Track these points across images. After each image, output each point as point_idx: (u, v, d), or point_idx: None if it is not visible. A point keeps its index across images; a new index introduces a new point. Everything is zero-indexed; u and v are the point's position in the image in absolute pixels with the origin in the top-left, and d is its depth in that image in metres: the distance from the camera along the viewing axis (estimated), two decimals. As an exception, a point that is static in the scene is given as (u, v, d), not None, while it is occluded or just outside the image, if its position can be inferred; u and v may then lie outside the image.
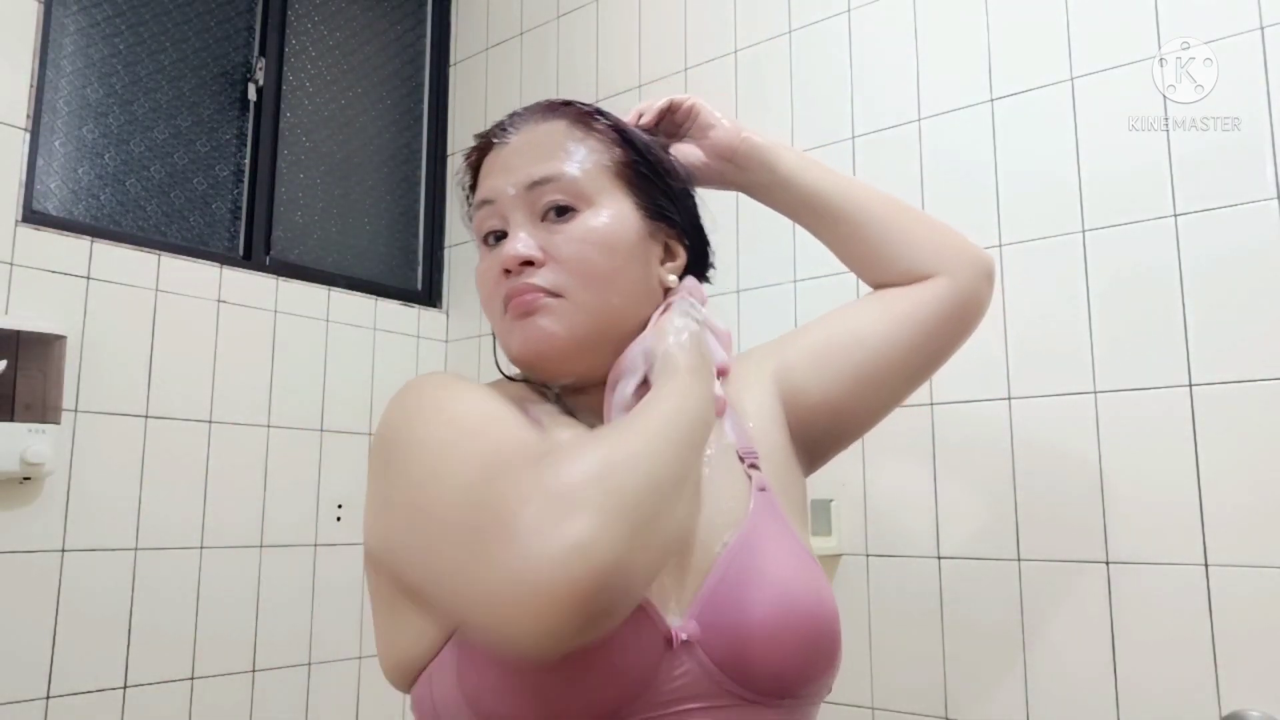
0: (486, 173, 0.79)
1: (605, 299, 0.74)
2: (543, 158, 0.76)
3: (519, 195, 0.75)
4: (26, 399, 1.41)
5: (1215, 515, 1.16)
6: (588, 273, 0.73)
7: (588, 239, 0.74)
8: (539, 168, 0.75)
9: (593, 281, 0.73)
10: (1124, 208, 1.27)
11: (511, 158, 0.77)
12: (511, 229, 0.75)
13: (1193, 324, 1.21)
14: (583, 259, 0.73)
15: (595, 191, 0.75)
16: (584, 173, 0.75)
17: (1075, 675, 1.23)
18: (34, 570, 1.44)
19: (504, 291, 0.73)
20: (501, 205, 0.76)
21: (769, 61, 1.66)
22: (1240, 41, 1.21)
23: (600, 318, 0.73)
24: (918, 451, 1.40)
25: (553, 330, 0.72)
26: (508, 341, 0.75)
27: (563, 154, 0.76)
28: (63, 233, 1.53)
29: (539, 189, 0.75)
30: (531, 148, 0.77)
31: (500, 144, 0.79)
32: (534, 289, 0.72)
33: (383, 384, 1.96)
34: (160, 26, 1.78)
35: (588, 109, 0.80)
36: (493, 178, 0.77)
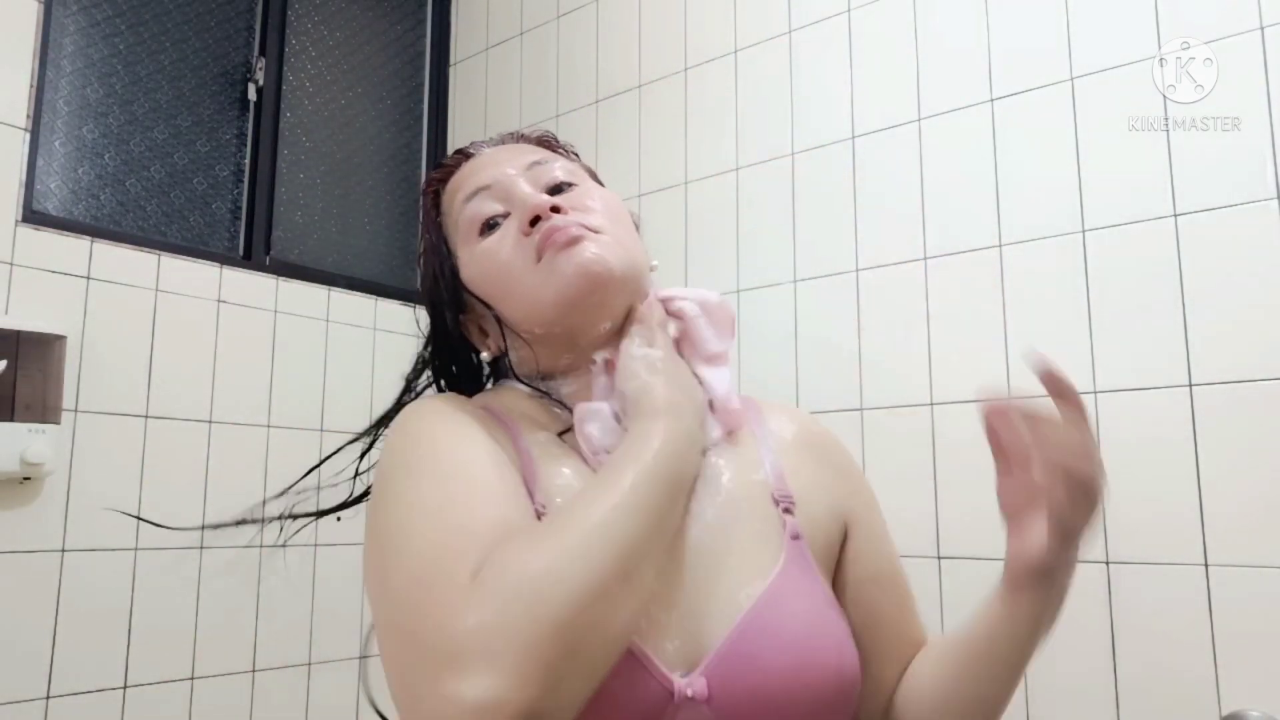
0: (469, 173, 0.78)
1: (633, 244, 0.74)
2: (529, 153, 0.77)
3: (520, 173, 0.75)
4: (26, 399, 1.41)
5: (1215, 515, 1.16)
6: (618, 216, 0.74)
7: (605, 195, 0.75)
8: (533, 155, 0.76)
9: (622, 224, 0.74)
10: (1124, 208, 1.27)
11: (496, 155, 0.77)
12: (520, 196, 0.73)
13: (1193, 324, 1.21)
14: (608, 206, 0.74)
15: (587, 179, 0.78)
16: (570, 163, 0.79)
17: (1075, 675, 1.23)
18: (34, 570, 1.44)
19: (535, 241, 0.70)
20: (501, 187, 0.74)
21: (769, 61, 1.66)
22: (1240, 41, 1.21)
23: (633, 258, 0.73)
24: (918, 451, 1.40)
25: (604, 255, 0.70)
26: (547, 284, 0.70)
27: (546, 153, 0.78)
28: (63, 233, 1.53)
29: (540, 167, 0.75)
30: (511, 151, 0.78)
31: (474, 155, 0.79)
32: (575, 224, 0.70)
33: (383, 384, 1.96)
34: (160, 26, 1.78)
35: (546, 135, 0.83)
36: (482, 171, 0.76)
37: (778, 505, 0.72)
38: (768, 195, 1.62)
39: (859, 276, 1.50)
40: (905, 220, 1.46)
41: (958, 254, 1.41)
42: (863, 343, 1.48)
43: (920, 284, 1.44)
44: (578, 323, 0.72)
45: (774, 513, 0.72)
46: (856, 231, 1.51)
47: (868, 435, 1.45)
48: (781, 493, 0.73)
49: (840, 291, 1.51)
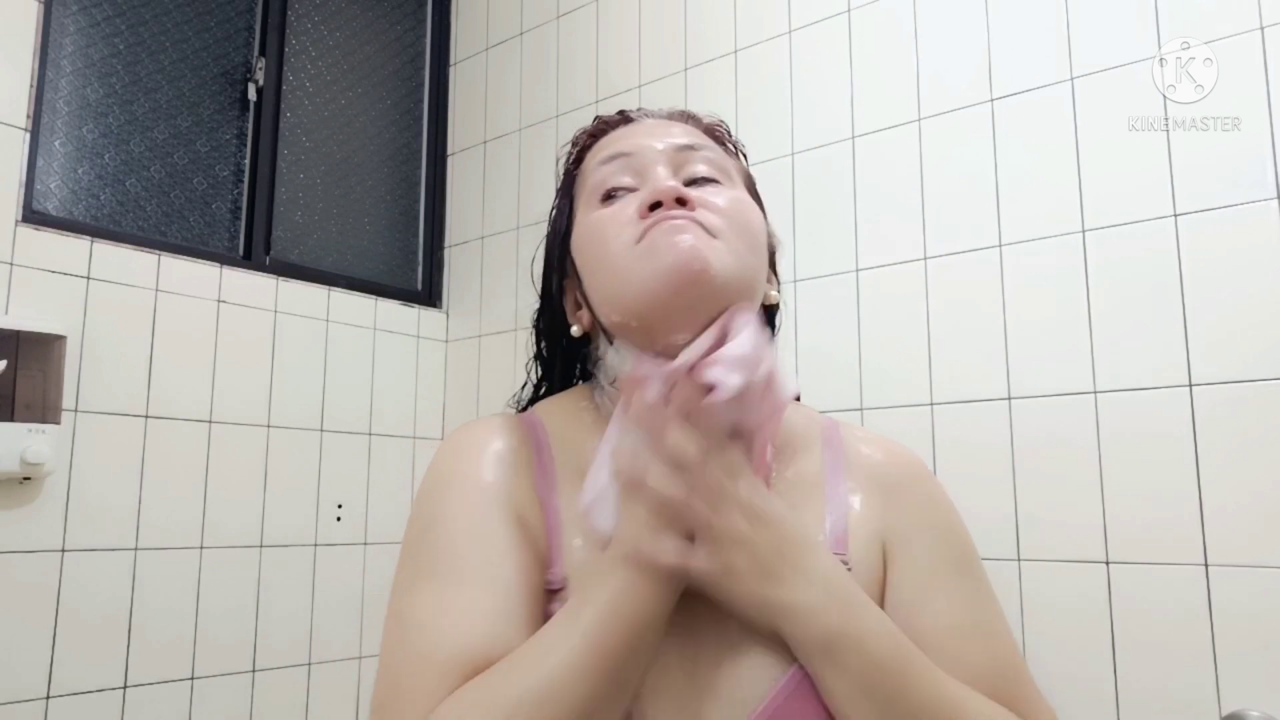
0: (619, 138, 0.73)
1: (751, 260, 0.67)
2: (687, 135, 0.72)
3: (666, 152, 0.70)
4: (26, 399, 1.41)
5: (1215, 515, 1.16)
6: (743, 224, 0.67)
7: (741, 201, 0.69)
8: (688, 137, 0.72)
9: (746, 235, 0.67)
10: (1124, 208, 1.27)
11: (653, 128, 0.73)
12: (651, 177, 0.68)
13: (1193, 324, 1.21)
14: (738, 211, 0.67)
15: (737, 179, 0.73)
16: (720, 155, 0.73)
17: (1075, 675, 1.23)
18: (34, 570, 1.44)
19: (645, 225, 0.65)
20: (641, 159, 0.69)
21: (769, 61, 1.66)
22: (1240, 41, 1.21)
23: (742, 272, 0.65)
24: (918, 451, 1.40)
25: (705, 254, 0.62)
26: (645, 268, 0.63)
27: (708, 144, 0.73)
28: (63, 233, 1.53)
29: (689, 153, 0.70)
30: (669, 128, 0.73)
31: (635, 121, 0.76)
32: (695, 218, 0.64)
33: (383, 384, 1.96)
34: (160, 26, 1.78)
35: (715, 120, 0.78)
36: (632, 138, 0.72)
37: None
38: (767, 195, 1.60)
39: (859, 276, 1.50)
40: (905, 220, 1.46)
41: (958, 254, 1.41)
42: (863, 343, 1.48)
43: (920, 284, 1.44)
44: (656, 322, 0.64)
45: None
46: (856, 231, 1.51)
47: (868, 435, 1.45)
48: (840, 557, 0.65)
49: (840, 291, 1.51)
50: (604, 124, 0.77)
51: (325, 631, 1.78)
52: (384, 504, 1.92)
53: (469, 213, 2.15)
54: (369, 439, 1.92)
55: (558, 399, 0.76)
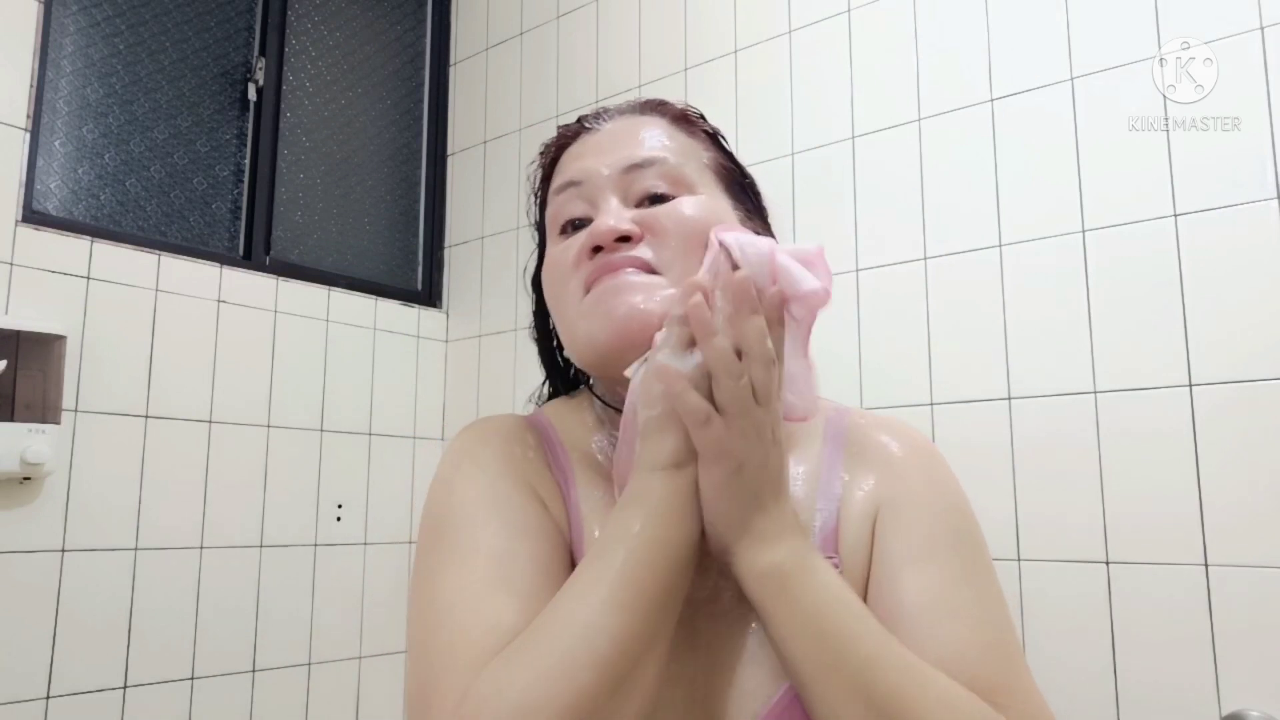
0: (573, 157, 0.71)
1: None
2: (642, 144, 0.70)
3: (613, 176, 0.68)
4: (26, 399, 1.41)
5: (1215, 515, 1.16)
6: (689, 246, 0.65)
7: (692, 215, 0.66)
8: (639, 151, 0.69)
9: (690, 255, 0.64)
10: (1124, 208, 1.27)
11: (605, 141, 0.70)
12: (600, 211, 0.67)
13: (1193, 324, 1.21)
14: (685, 234, 0.65)
15: (695, 182, 0.69)
16: (685, 163, 0.70)
17: (1075, 675, 1.23)
18: (34, 570, 1.44)
19: (588, 271, 0.65)
20: (590, 187, 0.68)
21: (769, 61, 1.66)
22: (1240, 41, 1.21)
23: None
24: (918, 451, 1.40)
25: (644, 307, 0.62)
26: (588, 327, 0.64)
27: (667, 143, 0.70)
28: (63, 233, 1.53)
29: (637, 172, 0.68)
30: (628, 135, 0.70)
31: (591, 130, 0.72)
32: (632, 259, 0.64)
33: (383, 384, 1.96)
34: (160, 26, 1.78)
35: (685, 109, 0.75)
36: (583, 160, 0.70)
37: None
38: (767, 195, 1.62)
39: (859, 276, 1.50)
40: (905, 220, 1.46)
41: (958, 254, 1.41)
42: (863, 343, 1.48)
43: (920, 284, 1.44)
44: (609, 370, 0.65)
45: None
46: (856, 231, 1.51)
47: (868, 435, 1.45)
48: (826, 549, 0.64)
49: (840, 291, 1.51)
50: (564, 137, 0.75)
51: (325, 631, 1.78)
52: (384, 504, 1.92)
53: (469, 213, 2.15)
54: (369, 439, 1.92)
55: (563, 402, 0.76)
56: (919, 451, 0.72)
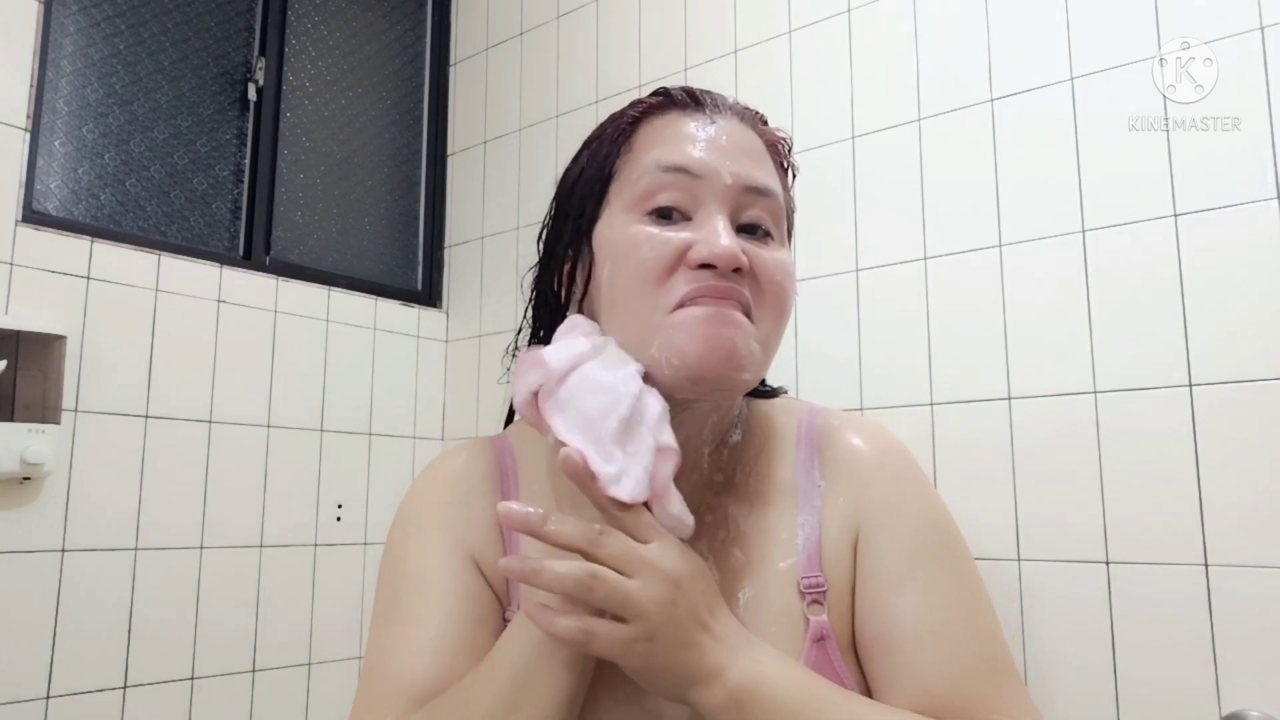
0: (684, 136, 0.66)
1: (779, 339, 0.65)
2: (760, 164, 0.66)
3: (734, 190, 0.64)
4: (26, 399, 1.41)
5: (1215, 515, 1.16)
6: (782, 306, 0.64)
7: (788, 271, 0.65)
8: (760, 174, 0.65)
9: (781, 317, 0.64)
10: (1124, 208, 1.27)
11: (725, 141, 0.66)
12: (708, 219, 0.62)
13: (1193, 324, 1.21)
14: (783, 289, 0.64)
15: (784, 229, 0.68)
16: (781, 200, 0.67)
17: (1075, 675, 1.23)
18: (34, 570, 1.44)
19: (688, 285, 0.61)
20: (705, 186, 0.63)
21: (769, 61, 1.66)
22: (1240, 41, 1.21)
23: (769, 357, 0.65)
24: (918, 451, 1.40)
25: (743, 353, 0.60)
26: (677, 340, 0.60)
27: (770, 170, 0.68)
28: (63, 233, 1.53)
29: (754, 196, 0.65)
30: (747, 146, 0.67)
31: (705, 115, 0.67)
32: (739, 297, 0.61)
33: (383, 384, 1.96)
34: (160, 26, 1.78)
35: (782, 136, 0.72)
36: (702, 149, 0.64)
37: (804, 598, 0.63)
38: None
39: (859, 276, 1.50)
40: (905, 220, 1.46)
41: (958, 254, 1.41)
42: (863, 343, 1.48)
43: (920, 284, 1.44)
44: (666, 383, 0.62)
45: (798, 609, 0.63)
46: (856, 231, 1.51)
47: (868, 435, 1.45)
48: (810, 581, 0.64)
49: (840, 291, 1.51)
50: (666, 104, 0.69)
51: (325, 632, 1.78)
52: (384, 504, 1.92)
53: (469, 213, 2.15)
54: (369, 439, 1.92)
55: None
56: (891, 455, 0.71)
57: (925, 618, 0.63)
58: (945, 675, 0.61)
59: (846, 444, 0.70)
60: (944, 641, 0.62)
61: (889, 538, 0.66)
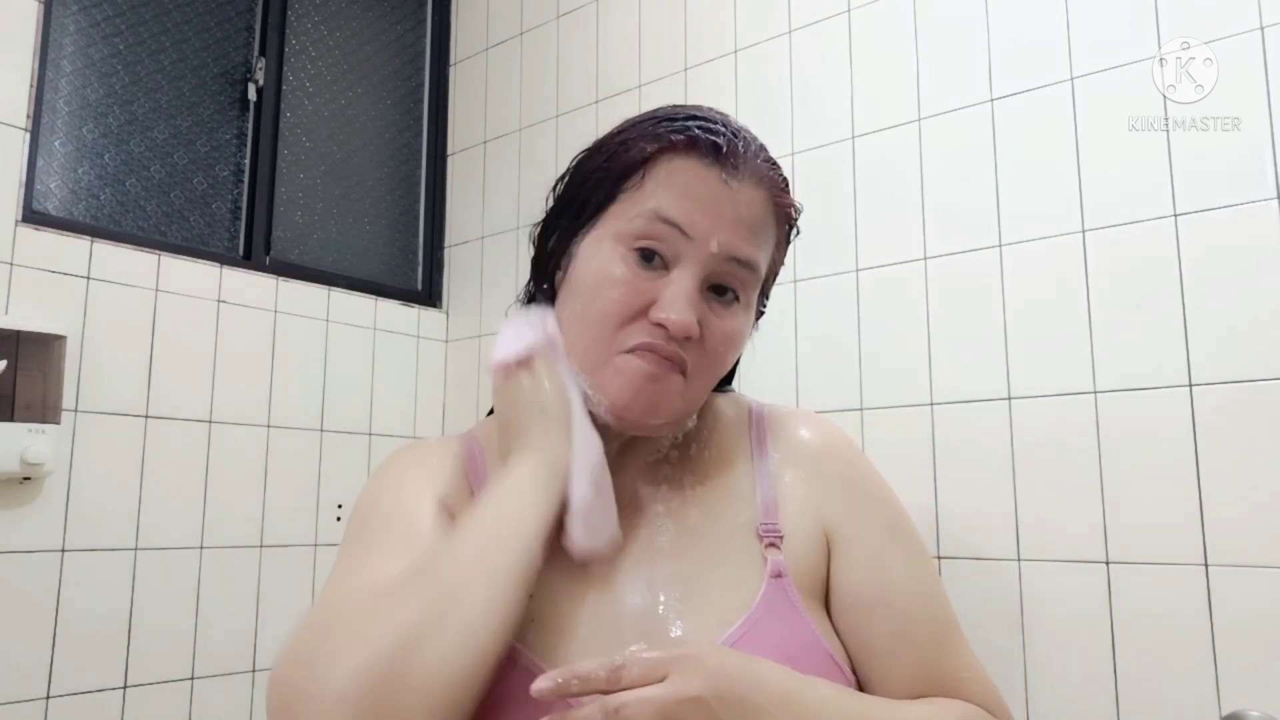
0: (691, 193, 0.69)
1: (706, 391, 0.75)
2: (752, 237, 0.71)
3: (718, 257, 0.69)
4: (26, 399, 1.41)
5: (1215, 515, 1.16)
6: (716, 370, 0.73)
7: (733, 340, 0.73)
8: (747, 248, 0.71)
9: (713, 377, 0.73)
10: (1124, 208, 1.27)
11: (727, 207, 0.70)
12: (680, 279, 0.68)
13: (1193, 324, 1.21)
14: (723, 357, 0.72)
15: (754, 294, 0.75)
16: (761, 271, 0.74)
17: (1075, 675, 1.23)
18: (34, 570, 1.44)
19: (642, 337, 0.69)
20: (691, 248, 0.69)
21: (769, 61, 1.66)
22: (1240, 41, 1.21)
23: (693, 407, 0.74)
24: (918, 451, 1.40)
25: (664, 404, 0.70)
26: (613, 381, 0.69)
27: (764, 245, 0.73)
28: (63, 233, 1.53)
29: (732, 266, 0.71)
30: (748, 218, 0.71)
31: (722, 179, 0.70)
32: (679, 359, 0.69)
33: (383, 384, 1.96)
34: (160, 26, 1.78)
35: (792, 204, 0.77)
36: (702, 211, 0.69)
37: (762, 541, 0.71)
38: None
39: (859, 276, 1.50)
40: (905, 220, 1.46)
41: (958, 254, 1.41)
42: (863, 343, 1.48)
43: (920, 284, 1.44)
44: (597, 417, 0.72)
45: (757, 550, 0.71)
46: (856, 231, 1.51)
47: (868, 435, 1.45)
48: (768, 526, 0.72)
49: (840, 291, 1.51)
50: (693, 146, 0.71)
51: (325, 631, 1.78)
52: (384, 504, 1.92)
53: (469, 213, 2.15)
54: (369, 439, 1.92)
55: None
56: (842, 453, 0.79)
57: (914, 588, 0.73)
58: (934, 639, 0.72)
59: (796, 429, 0.79)
60: (929, 606, 0.73)
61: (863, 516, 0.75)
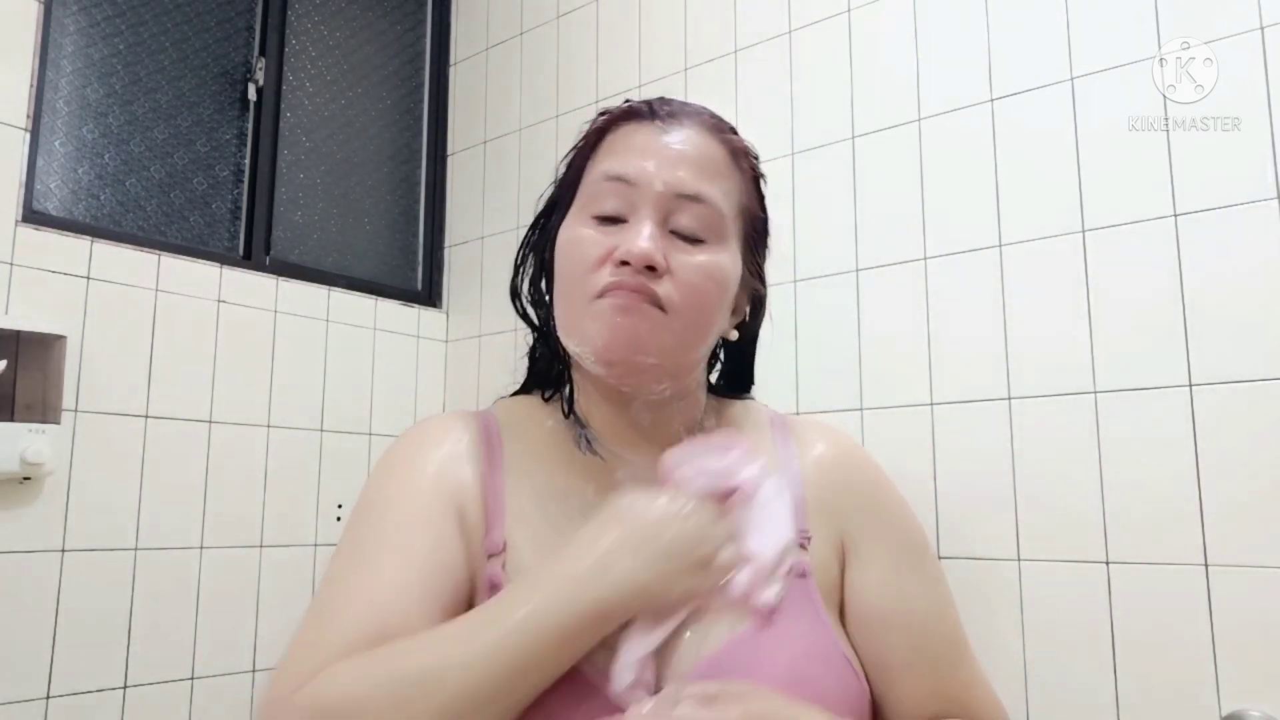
0: (633, 148, 0.73)
1: (698, 332, 0.73)
2: (699, 172, 0.72)
3: (665, 195, 0.71)
4: (26, 399, 1.41)
5: (1215, 515, 1.16)
6: (700, 303, 0.71)
7: (710, 273, 0.72)
8: (694, 182, 0.72)
9: (699, 312, 0.72)
10: (1124, 208, 1.27)
11: (668, 150, 0.72)
12: (637, 223, 0.70)
13: (1193, 324, 1.21)
14: (700, 290, 0.71)
15: (727, 232, 0.74)
16: (727, 210, 0.74)
17: (1075, 675, 1.23)
18: (34, 570, 1.44)
19: (608, 279, 0.69)
20: (639, 193, 0.71)
21: (769, 61, 1.66)
22: (1240, 41, 1.21)
23: (686, 348, 0.72)
24: (918, 451, 1.40)
25: (647, 340, 0.69)
26: (590, 327, 0.70)
27: (718, 180, 0.74)
28: (63, 233, 1.53)
29: (685, 203, 0.71)
30: (692, 154, 0.73)
31: (659, 127, 0.74)
32: (648, 291, 0.69)
33: (383, 384, 1.96)
34: (160, 26, 1.78)
35: (745, 145, 0.79)
36: (643, 158, 0.72)
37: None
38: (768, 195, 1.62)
39: (859, 276, 1.50)
40: (905, 220, 1.46)
41: (958, 254, 1.41)
42: (863, 343, 1.48)
43: (920, 284, 1.44)
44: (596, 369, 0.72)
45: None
46: (856, 231, 1.51)
47: (868, 435, 1.45)
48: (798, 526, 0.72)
49: (840, 291, 1.51)
50: (628, 116, 0.76)
51: (325, 631, 1.78)
52: (384, 504, 1.92)
53: (469, 213, 2.15)
54: (369, 439, 1.92)
55: (522, 402, 0.82)
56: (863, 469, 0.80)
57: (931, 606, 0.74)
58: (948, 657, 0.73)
59: (818, 439, 0.79)
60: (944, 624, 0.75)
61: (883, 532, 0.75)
